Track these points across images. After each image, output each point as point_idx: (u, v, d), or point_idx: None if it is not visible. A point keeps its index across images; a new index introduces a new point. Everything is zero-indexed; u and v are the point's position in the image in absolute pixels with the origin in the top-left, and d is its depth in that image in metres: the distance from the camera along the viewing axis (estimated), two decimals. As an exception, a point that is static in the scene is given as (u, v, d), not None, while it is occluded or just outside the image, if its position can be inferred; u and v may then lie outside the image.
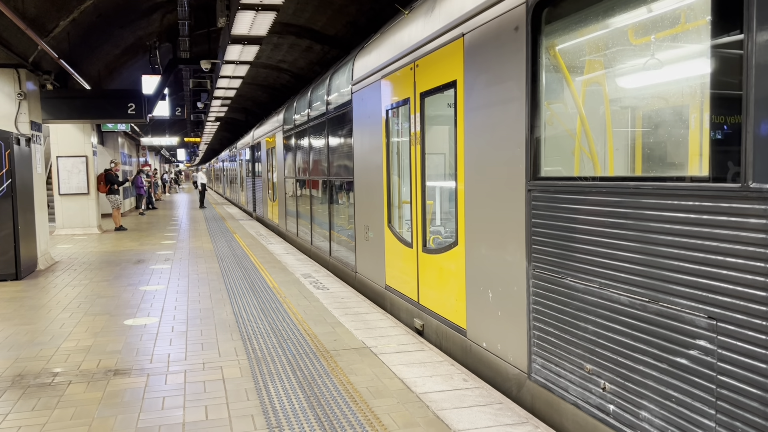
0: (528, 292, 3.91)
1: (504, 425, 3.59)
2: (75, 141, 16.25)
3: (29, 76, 10.54)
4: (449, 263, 5.17)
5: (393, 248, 6.64)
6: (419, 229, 5.85)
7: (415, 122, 5.82)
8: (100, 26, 12.31)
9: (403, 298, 6.38)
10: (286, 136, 13.51)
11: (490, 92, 4.32)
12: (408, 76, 5.98)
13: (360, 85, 7.70)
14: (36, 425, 3.77)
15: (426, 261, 5.70)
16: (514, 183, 4.04)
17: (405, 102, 6.11)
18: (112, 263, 10.60)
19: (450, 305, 5.19)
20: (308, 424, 3.67)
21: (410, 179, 6.03)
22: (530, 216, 3.85)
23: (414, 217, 5.97)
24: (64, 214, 16.12)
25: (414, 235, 5.97)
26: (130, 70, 18.12)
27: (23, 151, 9.45)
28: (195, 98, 27.08)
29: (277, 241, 13.45)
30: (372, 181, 7.34)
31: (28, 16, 9.01)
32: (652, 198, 2.83)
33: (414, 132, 5.87)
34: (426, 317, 5.76)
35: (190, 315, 6.59)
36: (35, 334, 5.93)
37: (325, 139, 9.85)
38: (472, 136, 4.65)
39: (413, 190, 5.96)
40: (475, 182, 4.63)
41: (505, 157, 4.14)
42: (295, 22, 13.87)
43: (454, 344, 5.15)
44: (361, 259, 7.95)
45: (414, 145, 5.88)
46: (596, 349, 3.25)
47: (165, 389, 4.36)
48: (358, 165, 7.97)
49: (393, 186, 6.79)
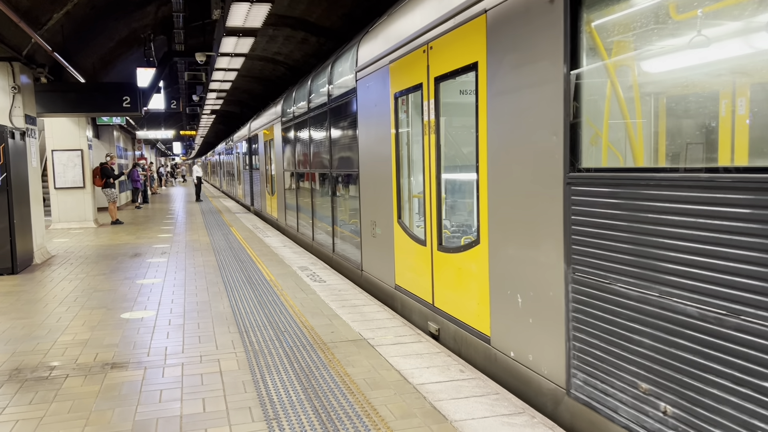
0: (566, 298, 3.47)
1: (501, 415, 3.61)
2: (70, 134, 16.19)
3: (23, 69, 10.48)
4: (469, 263, 4.73)
5: (403, 246, 6.19)
6: (434, 225, 5.40)
7: (429, 110, 5.38)
8: (94, 18, 12.24)
9: (415, 300, 5.94)
10: (285, 127, 13.05)
11: (519, 74, 3.87)
12: (420, 59, 5.52)
13: (365, 72, 7.22)
14: (33, 419, 3.78)
15: (442, 260, 5.27)
16: (549, 175, 3.60)
17: (417, 88, 5.66)
18: (108, 257, 10.59)
19: (471, 309, 4.75)
20: (306, 416, 3.68)
21: (423, 172, 5.61)
22: (569, 212, 3.42)
23: (427, 212, 5.54)
24: (60, 208, 16.08)
25: (427, 233, 5.54)
26: (124, 62, 18.03)
27: (18, 144, 9.41)
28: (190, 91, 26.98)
29: (273, 234, 13.45)
30: (379, 174, 6.88)
31: (22, 8, 8.94)
32: (734, 192, 2.42)
33: (427, 120, 5.42)
34: (442, 321, 5.34)
35: (187, 308, 6.59)
36: (32, 328, 5.92)
37: (326, 130, 9.36)
38: (496, 123, 4.19)
39: (426, 184, 5.54)
40: (499, 175, 4.19)
41: (538, 146, 3.71)
42: (290, 14, 13.80)
43: (476, 352, 4.70)
44: (368, 257, 7.49)
45: (427, 134, 5.44)
46: (655, 366, 2.85)
47: (162, 382, 4.37)
48: (363, 157, 7.51)
49: (403, 179, 6.32)
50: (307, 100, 10.75)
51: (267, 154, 16.27)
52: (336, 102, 8.75)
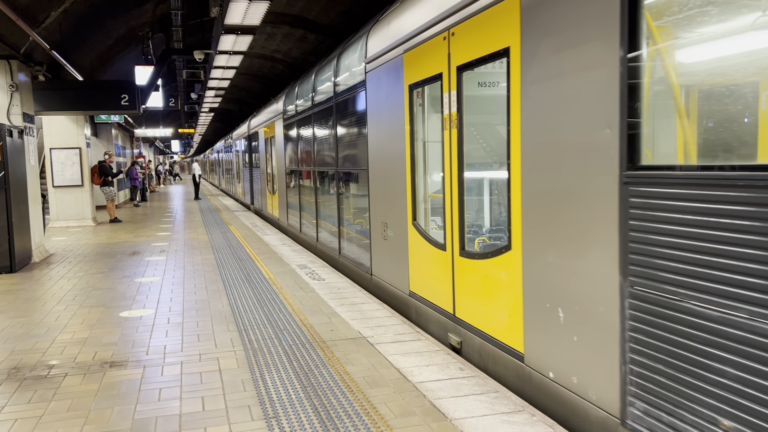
0: (622, 315, 3.04)
1: (500, 413, 3.61)
2: (68, 133, 16.16)
3: (21, 67, 10.45)
4: (499, 271, 4.29)
5: (419, 250, 5.73)
6: (455, 229, 4.95)
7: (450, 102, 4.90)
8: (91, 16, 12.21)
9: (433, 309, 5.49)
10: (287, 124, 12.62)
11: (562, 59, 3.44)
12: (440, 47, 5.05)
13: (376, 63, 6.73)
14: (32, 417, 3.77)
15: (465, 267, 4.81)
16: (600, 173, 3.15)
17: (436, 79, 5.19)
18: (107, 255, 10.57)
19: (500, 322, 4.31)
20: (305, 414, 3.68)
21: (443, 169, 5.14)
22: (626, 216, 2.97)
23: (448, 214, 5.07)
24: (59, 206, 16.06)
25: (448, 236, 5.08)
26: (122, 60, 17.99)
27: (16, 143, 9.39)
28: (189, 89, 26.92)
29: (272, 232, 13.44)
30: (391, 173, 6.41)
31: (19, 6, 8.92)
32: None
33: (448, 113, 4.95)
34: (465, 333, 4.88)
35: (185, 306, 6.58)
36: (31, 327, 5.91)
37: (332, 127, 8.88)
38: (532, 114, 3.76)
39: (447, 183, 5.07)
40: (536, 173, 3.75)
41: (585, 140, 3.27)
42: (288, 11, 13.78)
43: (506, 369, 4.26)
44: (378, 261, 7.04)
45: (448, 128, 4.97)
46: (742, 401, 2.44)
47: (161, 381, 4.36)
48: (373, 154, 7.03)
49: (419, 178, 5.86)
50: (310, 96, 10.33)
51: (268, 152, 15.86)
52: (342, 96, 8.33)
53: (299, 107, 11.32)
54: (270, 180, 15.82)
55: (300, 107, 11.24)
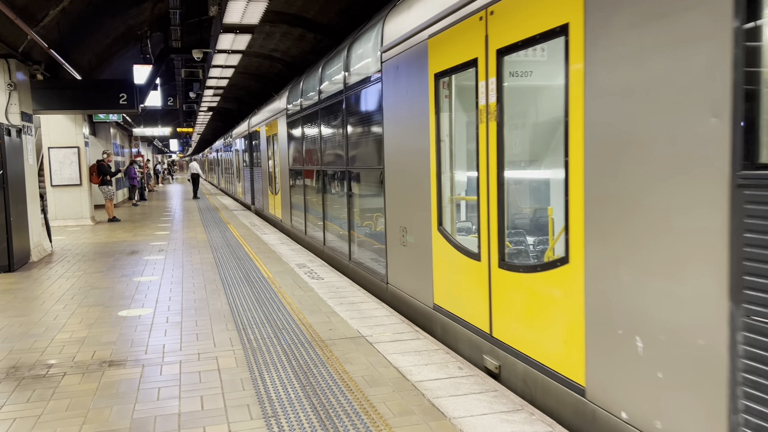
0: (732, 350, 2.49)
1: (499, 412, 3.61)
2: (66, 132, 16.14)
3: (19, 66, 10.44)
4: (551, 287, 3.71)
5: (446, 259, 5.14)
6: (493, 236, 4.34)
7: (488, 90, 4.31)
8: (90, 15, 12.19)
9: (463, 326, 4.90)
10: (291, 121, 12.04)
11: (644, 33, 2.89)
12: (475, 29, 4.45)
13: (394, 51, 6.13)
14: (31, 417, 3.77)
15: (506, 281, 4.21)
16: (702, 173, 2.61)
17: (469, 65, 4.58)
18: (105, 254, 10.56)
19: (552, 347, 3.74)
20: (304, 413, 3.68)
21: (477, 168, 4.52)
22: (740, 227, 2.43)
23: (484, 219, 4.46)
24: (57, 205, 16.04)
25: (484, 245, 4.47)
26: (121, 59, 17.97)
27: (14, 142, 9.38)
28: (187, 88, 26.90)
29: (271, 231, 13.43)
30: (412, 172, 5.82)
31: (18, 5, 8.90)
32: None
33: (484, 104, 4.36)
34: (505, 357, 4.29)
35: (184, 305, 6.58)
36: (29, 326, 5.91)
37: (341, 123, 8.31)
38: (600, 102, 3.18)
39: (483, 183, 4.45)
40: (605, 170, 3.15)
41: (679, 132, 2.72)
42: (287, 10, 13.77)
43: (560, 403, 3.70)
44: (396, 269, 6.44)
45: (485, 121, 4.36)
46: None
47: (160, 380, 4.36)
48: (389, 151, 6.43)
49: (445, 178, 5.27)
50: (317, 91, 9.74)
51: (269, 151, 15.33)
52: (354, 90, 7.76)
53: (304, 103, 10.81)
54: (272, 180, 15.30)
55: (305, 103, 10.74)
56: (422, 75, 5.46)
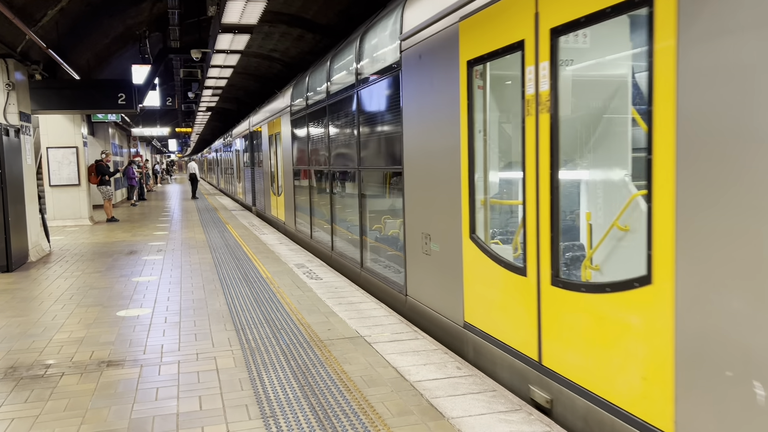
0: None
1: (497, 412, 3.61)
2: (65, 132, 16.13)
3: (17, 66, 10.43)
4: (627, 313, 3.10)
5: (481, 272, 4.54)
6: (544, 247, 3.74)
7: (538, 77, 3.73)
8: (88, 15, 12.18)
9: (503, 349, 4.31)
10: (296, 119, 11.50)
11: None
12: (521, 6, 3.89)
13: (416, 38, 5.54)
14: (29, 417, 3.76)
15: (561, 301, 3.62)
16: None
17: (513, 49, 3.99)
18: (104, 254, 10.55)
19: (626, 384, 3.14)
20: (302, 413, 3.68)
21: (523, 167, 3.94)
22: None
23: (532, 227, 3.86)
24: (55, 205, 16.03)
25: (531, 257, 3.88)
26: (119, 59, 17.96)
27: (12, 142, 9.37)
28: (186, 88, 26.86)
29: (270, 231, 13.42)
30: (437, 172, 5.24)
31: (16, 5, 8.89)
32: None
33: (533, 93, 3.78)
34: (560, 390, 3.70)
35: (183, 306, 6.58)
36: (27, 326, 5.90)
37: (353, 120, 7.73)
38: (700, 89, 2.62)
39: (531, 185, 3.85)
40: (709, 172, 2.59)
41: None
42: (286, 10, 13.76)
43: None
44: (417, 280, 5.86)
45: (533, 113, 3.79)
46: None
47: (158, 380, 4.36)
48: (410, 150, 5.85)
49: (478, 179, 4.67)
50: (325, 86, 9.16)
51: (272, 150, 14.79)
52: (368, 83, 7.16)
53: (311, 100, 10.27)
54: (274, 180, 14.71)
55: (312, 99, 10.20)
56: (451, 63, 4.85)
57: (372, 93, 7.08)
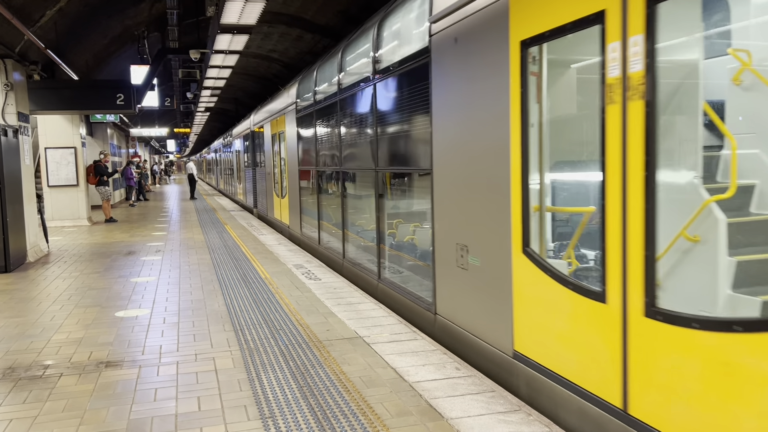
0: None
1: (496, 413, 3.61)
2: (63, 132, 16.11)
3: (16, 66, 10.42)
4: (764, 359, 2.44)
5: (538, 293, 3.83)
6: (636, 267, 3.01)
7: (625, 56, 3.04)
8: (87, 16, 12.17)
9: (570, 389, 3.59)
10: (302, 116, 10.77)
11: None
12: None
13: (450, 19, 4.81)
14: (27, 417, 3.76)
15: (661, 337, 2.90)
16: None
17: (588, 22, 3.30)
18: (102, 255, 10.54)
19: None
20: (301, 414, 3.68)
21: (603, 167, 3.22)
22: None
23: (617, 241, 3.13)
24: (54, 206, 16.01)
25: (614, 279, 3.16)
26: (118, 60, 17.95)
27: (11, 142, 9.36)
28: (184, 88, 26.88)
29: (268, 232, 13.41)
30: (478, 174, 4.52)
31: (14, 5, 8.88)
32: None
33: (621, 75, 3.08)
34: None
35: (181, 306, 6.57)
36: (25, 327, 5.89)
37: (369, 116, 7.07)
38: None
39: (614, 189, 3.14)
40: None
41: None
42: (285, 11, 13.76)
43: None
44: (449, 297, 5.15)
45: (620, 101, 3.09)
46: None
47: (157, 381, 4.35)
48: (441, 149, 5.15)
49: (533, 182, 3.97)
50: (336, 80, 8.49)
51: (275, 150, 14.09)
52: (388, 75, 6.44)
53: (320, 95, 9.54)
54: (278, 182, 14.02)
55: (321, 95, 9.49)
56: (498, 45, 4.14)
57: (393, 85, 6.34)
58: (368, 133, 7.21)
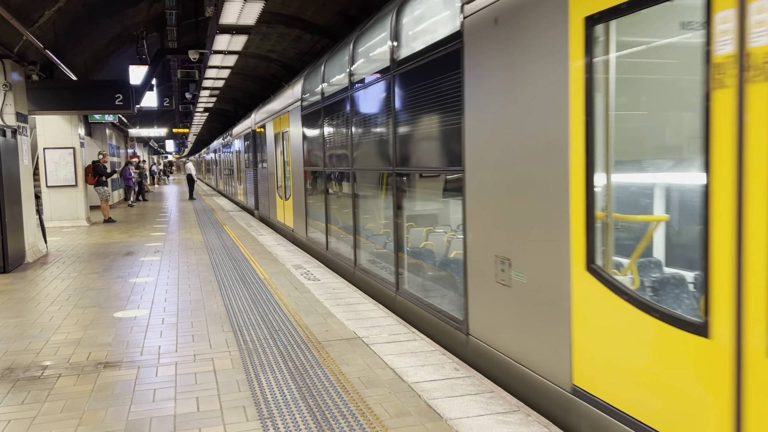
0: None
1: (495, 413, 3.61)
2: (62, 132, 16.10)
3: (14, 66, 10.41)
4: None
5: (609, 318, 3.23)
6: (757, 296, 2.45)
7: (746, 24, 2.51)
8: (86, 15, 12.16)
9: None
10: (309, 113, 10.19)
11: None
12: None
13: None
14: (26, 418, 3.75)
15: None
16: None
17: None
18: (101, 255, 10.53)
19: None
20: (300, 415, 3.67)
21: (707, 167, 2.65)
22: None
23: (729, 261, 2.57)
24: (52, 206, 15.99)
25: (723, 308, 2.59)
26: (117, 60, 17.94)
27: (9, 142, 9.35)
28: (183, 89, 26.89)
29: (267, 232, 13.41)
30: (525, 176, 3.90)
31: (13, 5, 8.88)
32: None
33: (737, 52, 2.52)
34: None
35: (180, 307, 6.57)
36: (24, 327, 5.88)
37: (386, 111, 6.44)
38: None
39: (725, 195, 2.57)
40: None
41: None
42: (284, 11, 13.77)
43: None
44: (485, 316, 4.52)
45: (735, 84, 2.53)
46: None
47: (156, 381, 4.35)
48: (475, 147, 4.53)
49: (599, 186, 3.37)
50: (347, 73, 7.91)
51: (278, 149, 13.55)
52: (408, 65, 5.84)
53: (328, 91, 8.99)
54: (281, 183, 13.42)
55: (329, 90, 8.93)
56: (554, 24, 3.56)
57: (415, 77, 5.74)
58: (384, 131, 6.57)
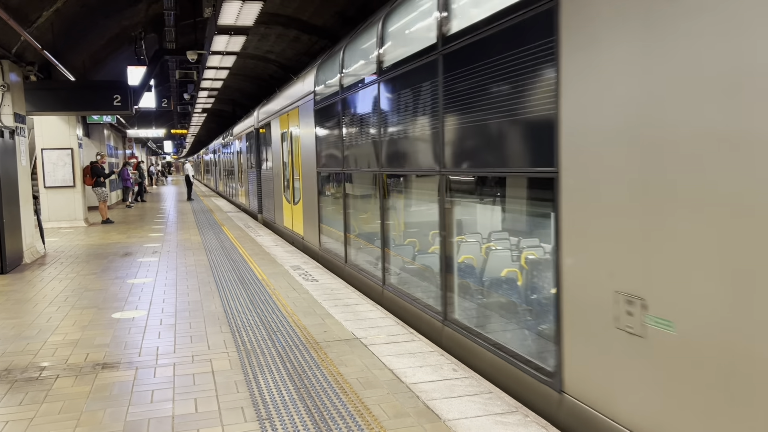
0: None
1: (493, 414, 3.61)
2: (60, 133, 16.08)
3: (12, 67, 10.39)
4: None
5: None
6: None
7: None
8: (84, 16, 12.15)
9: None
10: (323, 107, 8.97)
11: None
12: None
13: None
14: (24, 419, 3.74)
15: None
16: None
17: None
18: (99, 256, 10.52)
19: None
20: (298, 416, 3.67)
21: None
22: None
23: None
24: (50, 207, 15.97)
25: None
26: (115, 60, 17.93)
27: (7, 143, 9.34)
28: (181, 89, 26.85)
29: (265, 233, 13.40)
30: (682, 179, 2.70)
31: (11, 6, 8.87)
32: None
33: None
34: None
35: (178, 308, 6.56)
36: (22, 328, 5.87)
37: (433, 99, 5.16)
38: None
39: None
40: None
41: None
42: (282, 12, 13.77)
43: None
44: (596, 371, 3.33)
45: None
46: None
47: (154, 382, 4.34)
48: (581, 139, 3.33)
49: None
50: (375, 57, 6.64)
51: (285, 149, 12.35)
52: (466, 39, 4.57)
53: (348, 79, 7.78)
54: (289, 186, 12.20)
55: (351, 80, 7.69)
56: None
57: (475, 55, 4.47)
58: (427, 124, 5.35)
